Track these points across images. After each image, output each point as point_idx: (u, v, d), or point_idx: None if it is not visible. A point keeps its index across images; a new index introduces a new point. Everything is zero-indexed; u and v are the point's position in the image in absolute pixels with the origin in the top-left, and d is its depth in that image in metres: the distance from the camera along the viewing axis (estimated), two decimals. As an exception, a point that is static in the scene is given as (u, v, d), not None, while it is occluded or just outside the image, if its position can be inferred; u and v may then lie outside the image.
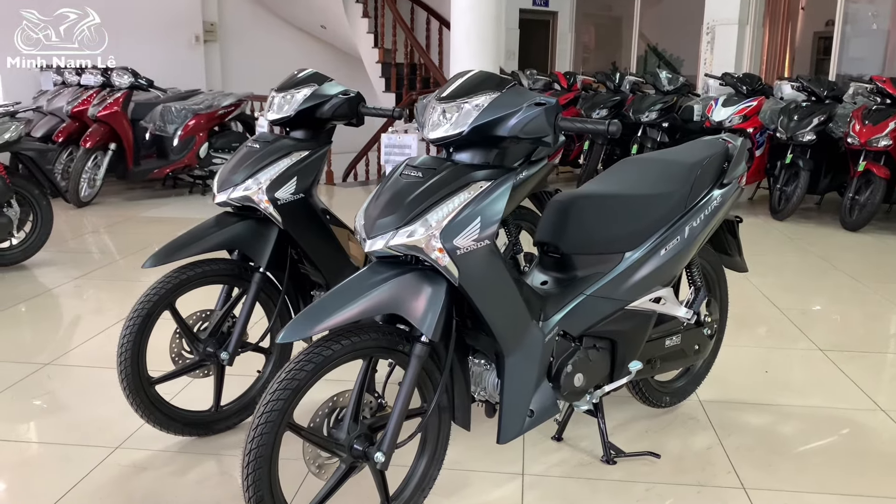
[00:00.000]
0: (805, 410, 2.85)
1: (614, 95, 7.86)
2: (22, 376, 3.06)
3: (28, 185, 4.58)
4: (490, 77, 1.95)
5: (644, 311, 2.34)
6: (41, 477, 2.35)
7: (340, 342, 1.81)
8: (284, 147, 2.51)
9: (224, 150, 7.24)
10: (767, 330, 3.78)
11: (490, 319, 1.93)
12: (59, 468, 2.39)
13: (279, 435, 1.75)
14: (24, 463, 2.45)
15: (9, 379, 3.03)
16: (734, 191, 2.55)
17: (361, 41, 9.80)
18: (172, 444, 2.51)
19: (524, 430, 2.11)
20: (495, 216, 1.86)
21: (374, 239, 1.85)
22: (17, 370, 3.12)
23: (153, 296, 2.37)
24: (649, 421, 2.74)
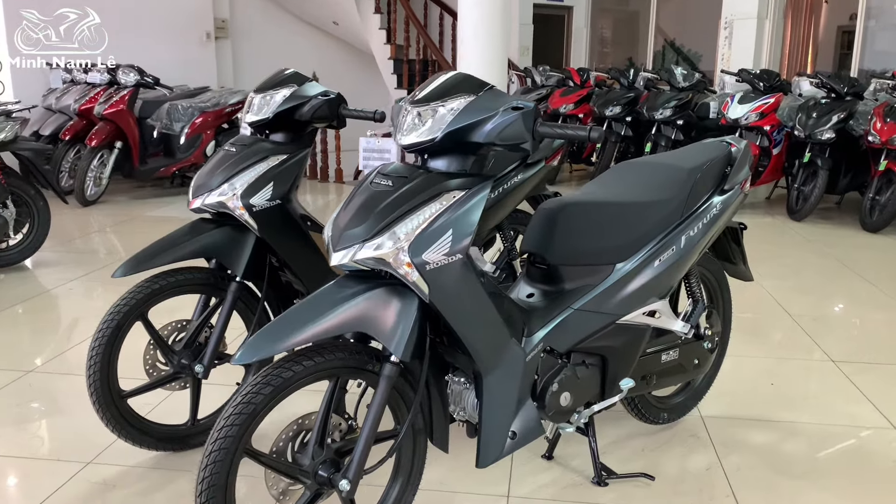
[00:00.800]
0: (811, 428, 2.70)
1: (628, 92, 7.69)
2: (4, 383, 2.99)
3: (24, 185, 4.52)
4: (467, 79, 1.83)
5: (637, 325, 2.21)
6: (3, 495, 2.27)
7: (302, 363, 1.69)
8: (261, 151, 2.40)
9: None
10: (777, 338, 3.62)
11: (464, 337, 1.81)
12: (25, 485, 2.31)
13: (235, 462, 1.64)
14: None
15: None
16: (736, 197, 2.41)
17: (373, 37, 9.69)
18: (146, 459, 2.42)
19: (505, 452, 1.99)
20: (469, 228, 1.74)
21: (340, 251, 1.74)
22: (1, 377, 3.05)
23: (123, 307, 2.28)
24: (646, 438, 2.60)
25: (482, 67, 5.86)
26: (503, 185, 2.91)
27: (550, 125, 1.80)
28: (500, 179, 2.91)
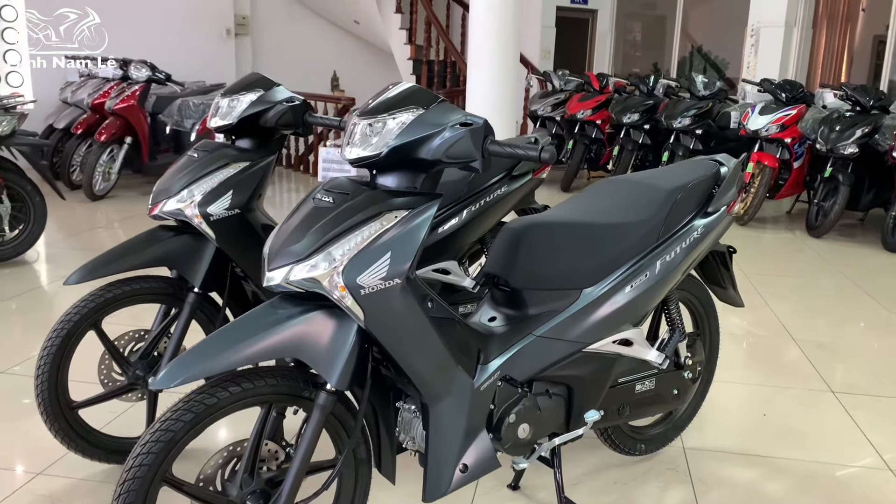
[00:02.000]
0: (799, 465, 2.55)
1: (647, 99, 7.51)
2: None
3: (21, 180, 4.50)
4: (418, 92, 1.72)
5: (606, 354, 2.08)
6: (-50, 504, 2.21)
7: (229, 389, 1.60)
8: (223, 157, 2.31)
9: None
10: (776, 365, 3.45)
11: (406, 366, 1.70)
12: (-30, 494, 2.25)
13: (151, 492, 1.55)
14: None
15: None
16: (722, 219, 2.28)
17: (393, 37, 9.61)
18: (97, 472, 2.35)
19: (455, 486, 1.87)
20: (409, 251, 1.63)
21: (274, 271, 1.64)
22: (-30, 378, 3.01)
23: (74, 315, 2.21)
24: (621, 470, 2.47)
25: (494, 68, 5.75)
26: (486, 197, 2.80)
27: (501, 143, 1.68)
28: (483, 192, 2.79)
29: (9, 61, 8.14)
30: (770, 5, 8.15)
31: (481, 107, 5.80)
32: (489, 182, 2.80)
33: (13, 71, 8.19)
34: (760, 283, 4.74)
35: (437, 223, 2.68)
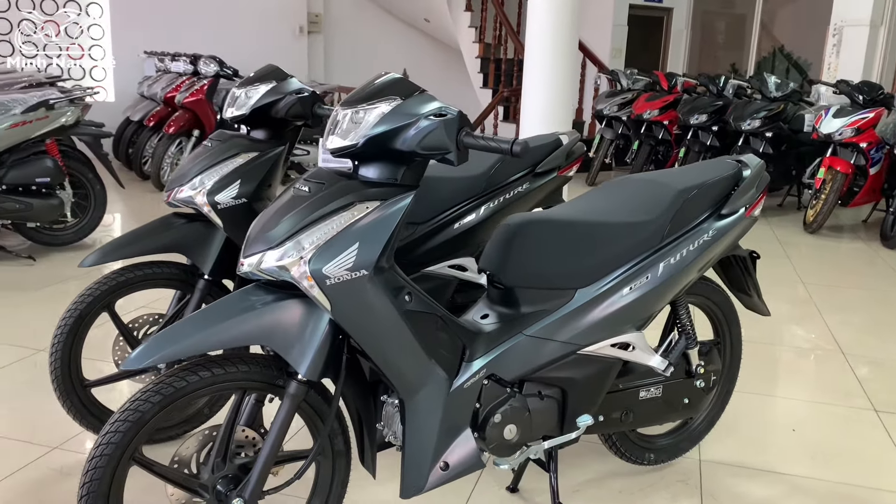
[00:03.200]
0: (823, 486, 2.40)
1: (716, 100, 7.26)
2: (10, 361, 3.09)
3: (83, 168, 4.70)
4: (398, 82, 1.70)
5: (603, 357, 2.01)
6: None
7: (199, 373, 1.61)
8: (234, 147, 2.35)
9: (305, 141, 7.25)
10: (818, 379, 3.27)
11: (376, 358, 1.68)
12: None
13: (119, 470, 1.58)
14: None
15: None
16: (739, 222, 2.17)
17: (462, 35, 9.61)
18: (108, 450, 2.41)
19: (434, 483, 1.85)
20: (378, 243, 1.61)
21: (248, 258, 1.65)
22: (12, 353, 3.16)
23: (87, 297, 2.29)
24: (628, 479, 2.39)
25: (550, 62, 5.66)
26: (506, 193, 2.74)
27: (475, 136, 1.64)
28: (504, 188, 2.74)
29: (94, 56, 8.54)
30: (855, 3, 7.75)
31: (537, 91, 5.73)
32: (510, 178, 2.75)
33: (97, 65, 8.59)
34: (819, 293, 4.51)
35: (453, 219, 2.65)
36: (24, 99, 4.36)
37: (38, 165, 4.41)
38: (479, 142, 1.62)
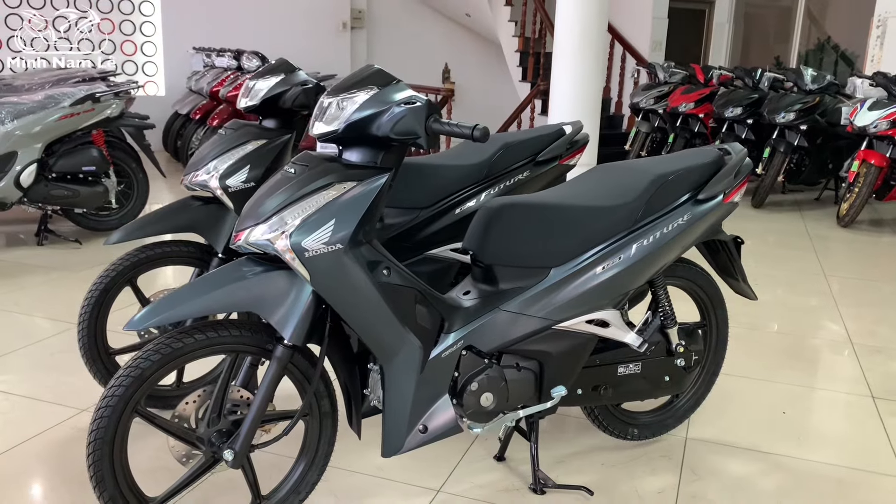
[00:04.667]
0: (803, 464, 2.48)
1: (752, 93, 7.21)
2: (51, 334, 3.34)
3: (127, 158, 4.99)
4: (377, 73, 1.86)
5: (577, 333, 2.13)
6: (11, 426, 2.56)
7: (195, 336, 1.80)
8: (245, 134, 2.54)
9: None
10: (820, 366, 3.32)
11: (353, 326, 1.85)
12: (21, 421, 2.59)
13: (123, 421, 1.76)
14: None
15: (39, 334, 3.33)
16: (716, 208, 2.26)
17: (502, 29, 9.70)
18: (131, 413, 2.63)
19: (412, 445, 2.00)
20: (352, 219, 1.77)
21: (240, 233, 1.83)
22: (52, 327, 3.42)
23: (112, 271, 2.50)
24: (614, 453, 2.50)
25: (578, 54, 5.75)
26: (506, 181, 2.87)
27: (443, 122, 1.78)
28: (503, 175, 2.86)
29: (146, 52, 8.91)
30: (900, -7, 7.60)
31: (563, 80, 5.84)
32: (510, 166, 2.87)
33: (149, 61, 8.95)
34: (840, 285, 4.52)
35: (455, 204, 2.78)
36: (72, 92, 4.65)
37: (85, 155, 4.69)
38: (445, 128, 1.77)
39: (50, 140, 4.61)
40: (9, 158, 4.50)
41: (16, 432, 2.52)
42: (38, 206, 4.69)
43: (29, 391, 2.84)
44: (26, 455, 2.39)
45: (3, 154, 4.49)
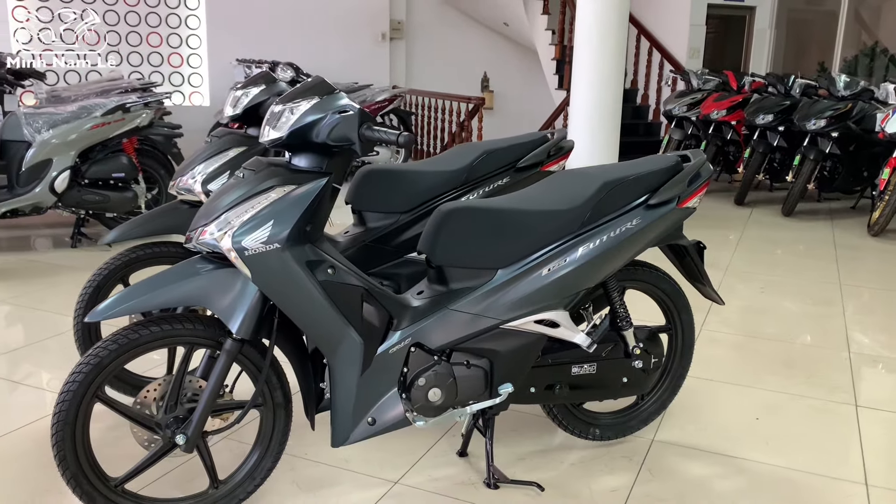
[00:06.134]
0: (765, 469, 2.49)
1: (784, 100, 7.11)
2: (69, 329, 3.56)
3: (156, 165, 5.23)
4: (320, 84, 1.98)
5: (525, 332, 2.21)
6: (15, 410, 2.76)
7: (150, 328, 1.94)
8: (229, 142, 2.70)
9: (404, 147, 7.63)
10: (809, 373, 3.29)
11: (295, 321, 1.96)
12: (30, 405, 2.79)
13: (84, 405, 1.91)
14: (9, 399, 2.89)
15: (59, 328, 3.55)
16: (669, 213, 2.31)
17: (539, 38, 9.75)
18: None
19: (360, 436, 2.11)
20: (288, 221, 1.89)
21: (190, 233, 1.97)
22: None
23: (104, 270, 2.68)
24: (575, 452, 2.55)
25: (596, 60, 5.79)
26: (485, 187, 2.95)
27: (375, 129, 1.89)
28: (482, 181, 2.95)
29: (192, 64, 9.27)
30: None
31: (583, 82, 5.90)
32: (488, 172, 2.96)
33: (195, 73, 9.31)
34: (852, 295, 4.45)
35: (433, 209, 2.88)
36: (104, 103, 4.92)
37: (116, 162, 4.96)
38: (375, 135, 1.88)
39: (83, 148, 4.87)
40: (45, 165, 4.78)
41: (21, 416, 2.71)
42: (72, 210, 4.96)
43: (41, 381, 3.04)
44: (30, 437, 2.58)
45: (40, 161, 4.77)
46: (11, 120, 4.85)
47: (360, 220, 2.91)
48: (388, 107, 7.77)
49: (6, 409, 2.86)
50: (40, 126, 4.78)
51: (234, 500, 2.12)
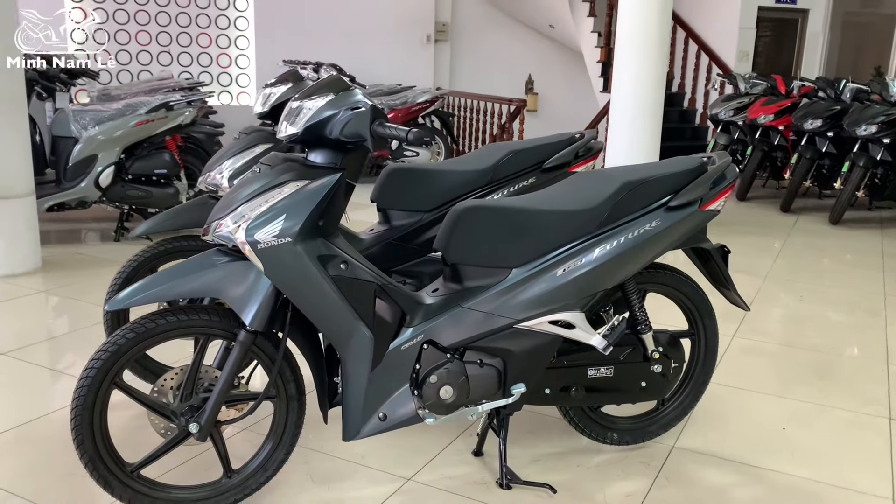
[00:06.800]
0: (786, 479, 2.43)
1: (833, 104, 6.92)
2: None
3: (198, 162, 5.35)
4: (336, 81, 2.00)
5: (540, 332, 2.19)
6: (36, 395, 2.85)
7: (167, 318, 1.98)
8: (257, 139, 2.74)
9: (414, 144, 7.67)
10: (844, 384, 3.19)
11: (306, 313, 1.99)
12: (64, 391, 2.87)
13: (102, 392, 1.96)
14: (31, 382, 2.98)
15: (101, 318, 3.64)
16: (689, 216, 2.26)
17: (585, 40, 9.69)
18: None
19: (371, 431, 2.12)
20: (301, 215, 1.91)
21: (208, 226, 2.01)
22: (106, 314, 3.74)
23: (134, 262, 2.75)
24: (592, 456, 2.53)
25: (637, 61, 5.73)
26: (510, 187, 2.95)
27: (387, 126, 1.90)
28: (506, 182, 2.94)
29: (240, 65, 9.44)
30: None
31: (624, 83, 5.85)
32: (513, 172, 2.95)
33: (242, 73, 9.48)
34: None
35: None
36: (148, 101, 5.04)
37: (158, 159, 5.08)
38: (387, 131, 1.89)
39: (127, 144, 5.01)
40: (90, 161, 4.93)
41: (45, 403, 2.80)
42: (116, 205, 5.10)
43: (69, 366, 3.13)
44: (53, 423, 2.66)
45: (86, 157, 4.92)
46: (60, 116, 5.01)
47: (385, 218, 2.93)
48: (429, 108, 7.80)
49: (42, 393, 2.95)
50: (87, 122, 4.92)
51: (247, 489, 2.16)
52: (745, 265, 5.03)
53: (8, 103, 4.24)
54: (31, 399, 2.87)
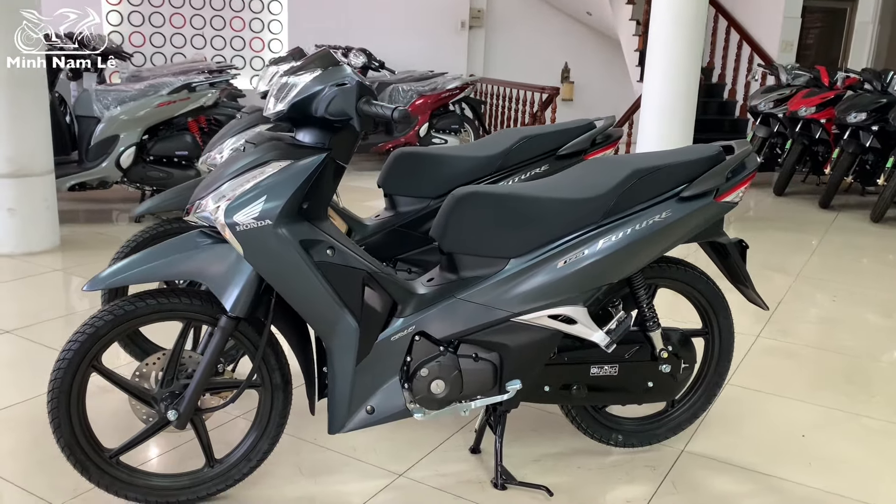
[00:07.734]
0: (800, 490, 2.28)
1: (880, 97, 6.62)
2: (112, 301, 3.63)
3: (220, 145, 5.30)
4: (324, 56, 1.90)
5: (538, 327, 2.08)
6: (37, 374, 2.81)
7: (146, 301, 1.91)
8: (257, 118, 2.65)
9: (444, 130, 7.58)
10: (873, 391, 3.01)
11: (288, 300, 1.90)
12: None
13: (79, 375, 1.90)
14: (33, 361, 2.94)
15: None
16: (703, 207, 2.12)
17: (622, 28, 9.46)
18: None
19: (358, 424, 2.04)
20: (281, 197, 1.82)
21: (191, 206, 1.93)
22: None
23: (133, 242, 2.70)
24: (595, 458, 2.41)
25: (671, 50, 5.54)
26: (520, 174, 2.83)
27: (373, 104, 1.80)
28: (517, 169, 2.83)
29: (273, 49, 9.41)
30: None
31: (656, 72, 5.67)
32: (526, 159, 2.83)
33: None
34: (937, 308, 4.09)
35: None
36: (171, 82, 5.02)
37: (179, 140, 5.06)
38: (373, 109, 1.78)
39: (149, 125, 4.99)
40: (112, 141, 4.92)
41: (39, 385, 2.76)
42: (136, 185, 5.09)
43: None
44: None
45: (108, 137, 4.92)
46: (84, 96, 5.01)
47: (391, 203, 2.84)
48: (459, 95, 7.67)
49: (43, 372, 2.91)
50: (109, 102, 4.91)
51: (230, 480, 2.09)
52: (778, 263, 4.83)
53: (28, 82, 4.23)
54: (31, 378, 2.85)
